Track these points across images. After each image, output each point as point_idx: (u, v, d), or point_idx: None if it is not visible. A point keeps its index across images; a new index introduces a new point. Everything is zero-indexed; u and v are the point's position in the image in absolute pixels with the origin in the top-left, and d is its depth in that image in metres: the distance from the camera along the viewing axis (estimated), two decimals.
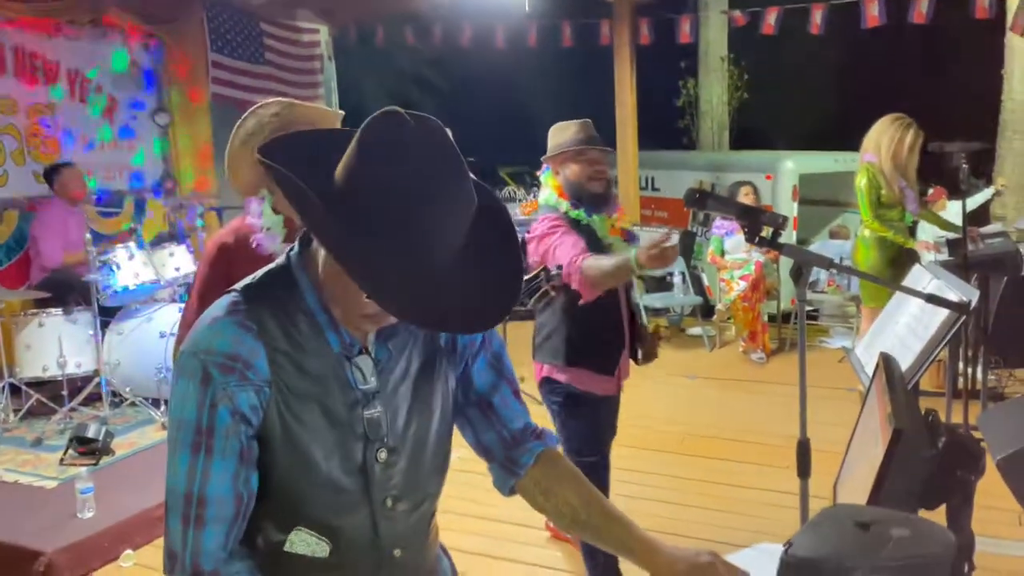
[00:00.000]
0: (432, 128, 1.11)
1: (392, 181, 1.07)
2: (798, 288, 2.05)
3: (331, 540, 1.25)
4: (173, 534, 1.18)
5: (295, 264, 1.24)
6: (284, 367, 1.19)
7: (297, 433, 1.19)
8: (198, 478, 1.16)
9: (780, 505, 3.85)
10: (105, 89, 6.42)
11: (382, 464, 1.26)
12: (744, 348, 6.33)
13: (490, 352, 1.41)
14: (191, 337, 1.19)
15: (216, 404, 1.15)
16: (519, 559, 3.50)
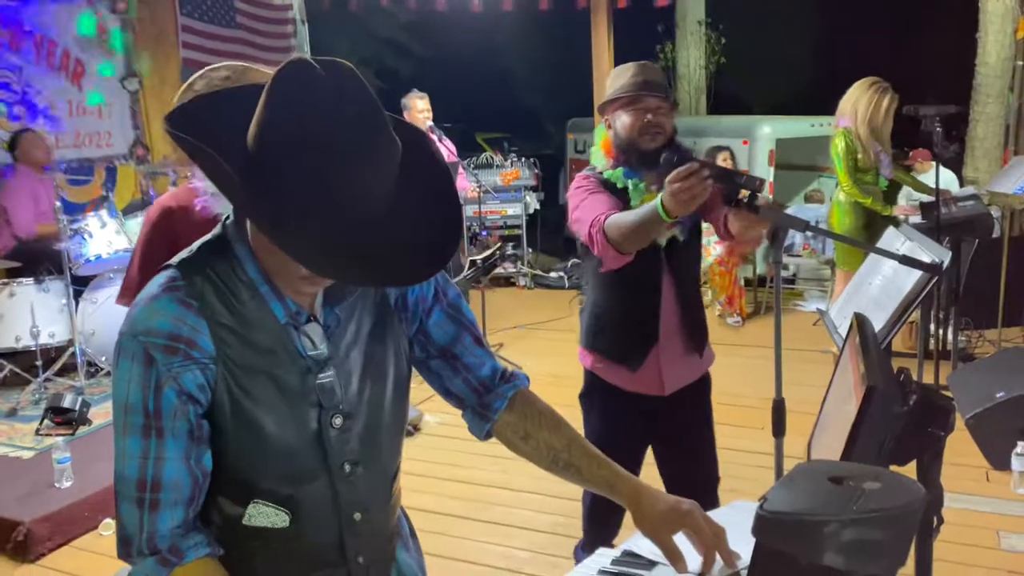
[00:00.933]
0: (344, 75, 1.06)
1: (303, 135, 1.03)
2: (774, 250, 2.06)
3: (290, 510, 1.24)
4: (127, 519, 1.16)
5: (231, 234, 1.20)
6: (229, 342, 1.16)
7: (248, 407, 1.17)
8: (151, 462, 1.14)
9: (755, 465, 3.92)
10: (73, 54, 6.27)
11: (338, 430, 1.24)
12: (720, 312, 6.39)
13: (446, 303, 1.38)
14: (130, 318, 1.15)
15: (161, 386, 1.12)
16: (495, 520, 3.54)
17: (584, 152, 9.66)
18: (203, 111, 1.14)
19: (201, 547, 1.18)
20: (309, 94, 1.03)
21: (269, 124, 1.05)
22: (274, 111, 1.05)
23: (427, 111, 5.93)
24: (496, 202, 7.63)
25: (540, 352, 5.87)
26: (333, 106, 1.03)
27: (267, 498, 1.22)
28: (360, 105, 1.06)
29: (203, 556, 1.18)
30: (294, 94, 1.04)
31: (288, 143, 1.04)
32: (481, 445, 4.71)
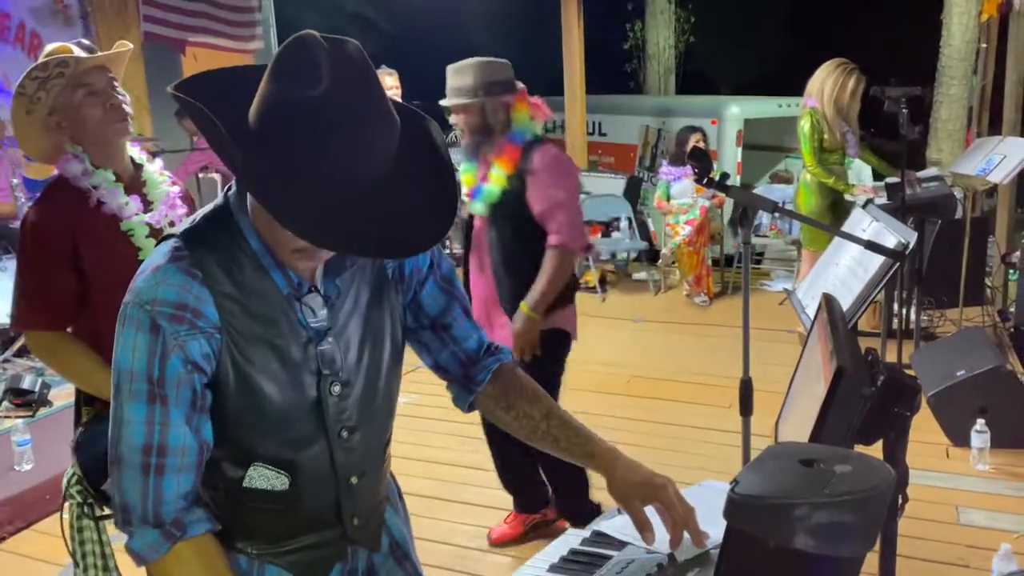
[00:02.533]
0: (348, 51, 1.07)
1: (304, 106, 1.04)
2: (743, 230, 2.07)
3: (289, 473, 1.26)
4: (129, 487, 1.16)
5: (234, 204, 1.21)
6: (233, 312, 1.17)
7: (251, 375, 1.19)
8: (156, 428, 1.14)
9: (723, 444, 3.96)
10: (28, 25, 6.08)
11: (336, 397, 1.27)
12: (688, 292, 6.43)
13: (439, 275, 1.41)
14: (135, 286, 1.16)
15: (167, 354, 1.13)
16: (466, 500, 3.55)
17: (553, 131, 9.64)
18: (211, 83, 1.16)
19: (203, 522, 1.19)
20: (312, 68, 1.05)
21: (271, 95, 1.07)
22: (277, 83, 1.06)
23: (396, 88, 5.85)
24: None
25: None
26: (336, 81, 1.05)
27: (268, 462, 1.25)
28: (360, 78, 1.08)
29: (204, 531, 1.19)
30: (298, 67, 1.05)
31: (289, 114, 1.05)
32: (452, 426, 4.70)
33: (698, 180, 2.06)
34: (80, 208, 2.01)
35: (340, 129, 1.04)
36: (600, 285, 6.70)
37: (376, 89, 1.09)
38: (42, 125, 2.01)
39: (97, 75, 2.00)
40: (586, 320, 6.13)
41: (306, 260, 1.19)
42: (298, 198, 1.04)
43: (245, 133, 1.08)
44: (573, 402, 4.47)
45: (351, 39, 1.09)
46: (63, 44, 2.02)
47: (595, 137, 8.85)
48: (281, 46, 1.08)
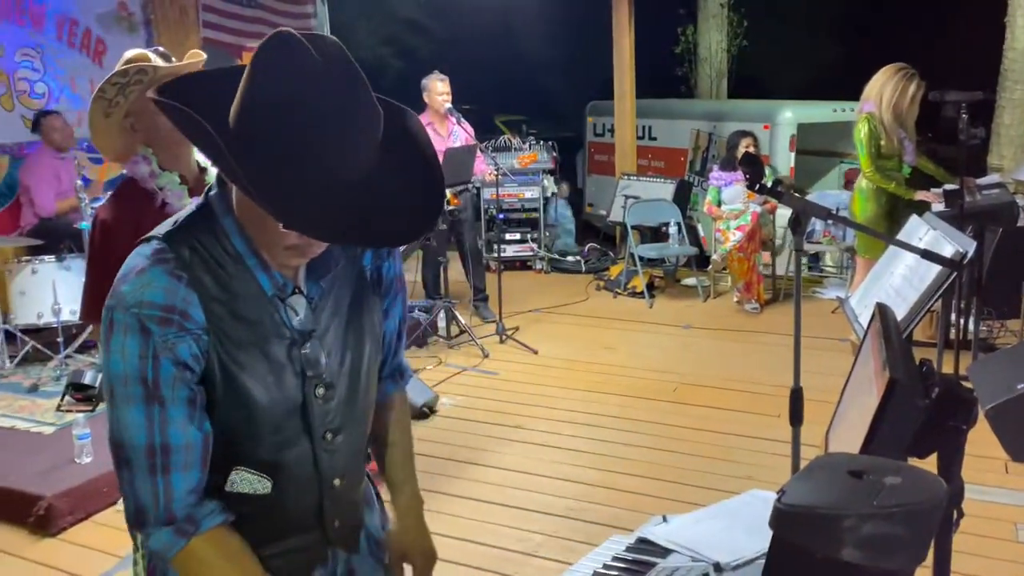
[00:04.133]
0: (327, 46, 1.08)
1: (287, 100, 1.05)
2: (796, 237, 2.04)
3: (272, 476, 1.26)
4: (140, 489, 1.16)
5: (216, 205, 1.21)
6: (218, 314, 1.17)
7: (237, 377, 1.19)
8: (156, 428, 1.14)
9: (770, 452, 3.90)
10: (94, 32, 6.29)
11: (320, 399, 1.27)
12: (738, 298, 6.35)
13: (403, 292, 1.46)
14: (119, 290, 1.15)
15: (158, 356, 1.13)
16: (510, 503, 3.55)
17: (603, 135, 9.60)
18: (193, 85, 1.17)
19: (216, 515, 1.20)
20: (293, 61, 1.06)
21: (254, 89, 1.07)
22: (259, 77, 1.07)
23: (447, 94, 5.90)
24: (514, 185, 7.59)
25: (555, 336, 5.86)
26: (317, 72, 1.06)
27: (250, 465, 1.25)
28: (343, 71, 1.08)
29: (218, 524, 1.20)
30: (279, 61, 1.06)
31: (272, 106, 1.06)
32: (497, 428, 4.71)
33: (750, 186, 2.04)
34: (147, 208, 2.10)
35: (326, 123, 1.05)
36: (647, 291, 6.66)
37: (359, 83, 1.09)
38: (117, 127, 2.10)
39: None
40: (633, 326, 6.14)
41: (298, 256, 1.20)
42: (287, 188, 1.05)
43: (230, 127, 1.09)
44: (618, 408, 4.52)
45: (331, 36, 1.10)
46: (142, 51, 2.12)
47: (645, 141, 8.79)
48: (260, 45, 1.09)
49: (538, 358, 5.42)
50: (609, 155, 8.99)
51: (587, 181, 10.04)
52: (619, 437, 4.17)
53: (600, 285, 7.19)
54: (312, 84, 1.05)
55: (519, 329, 5.89)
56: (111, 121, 2.10)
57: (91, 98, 2.09)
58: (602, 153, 9.55)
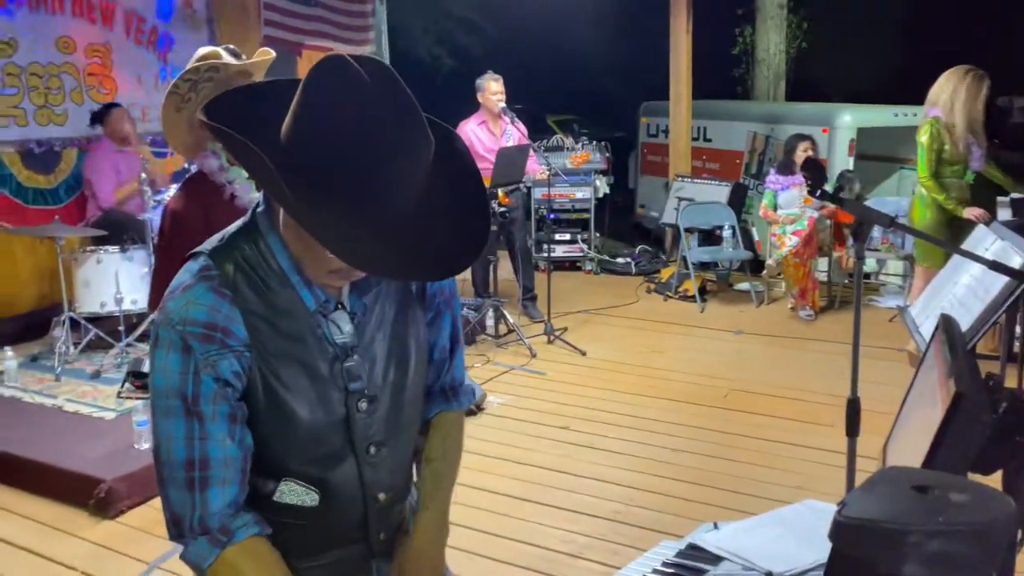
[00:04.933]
0: (381, 73, 1.07)
1: (338, 126, 1.04)
2: (857, 245, 2.00)
3: (319, 489, 1.27)
4: (176, 501, 1.18)
5: (262, 222, 1.22)
6: (261, 330, 1.19)
7: (280, 393, 1.20)
8: (196, 442, 1.16)
9: (823, 463, 3.84)
10: (160, 29, 6.46)
11: (363, 413, 1.28)
12: (793, 305, 6.25)
13: (452, 309, 1.44)
14: (166, 307, 1.18)
15: (199, 372, 1.15)
16: (556, 504, 3.55)
17: (657, 136, 9.52)
18: (241, 103, 1.17)
19: (251, 526, 1.21)
20: (346, 87, 1.05)
21: (305, 114, 1.07)
22: (311, 102, 1.07)
23: (500, 93, 5.92)
24: (565, 185, 7.57)
25: (604, 338, 5.84)
26: (369, 99, 1.05)
27: (298, 477, 1.26)
28: (396, 99, 1.07)
29: (252, 535, 1.21)
30: (331, 86, 1.06)
31: (324, 132, 1.05)
32: (544, 428, 4.70)
33: (811, 192, 2.01)
34: (215, 201, 2.17)
35: (378, 151, 1.04)
36: (699, 294, 6.59)
37: (411, 109, 1.08)
38: (188, 122, 2.17)
39: (241, 80, 2.16)
40: (684, 330, 6.08)
41: (341, 280, 1.21)
42: (336, 220, 1.04)
43: (279, 150, 1.07)
44: (669, 413, 4.49)
45: (381, 59, 1.10)
46: (214, 49, 2.18)
47: (699, 143, 8.70)
48: (313, 67, 1.08)
49: (586, 359, 5.40)
50: (662, 156, 8.91)
51: (639, 182, 9.98)
52: (667, 442, 4.14)
53: (650, 288, 7.14)
54: (365, 111, 1.05)
55: (567, 330, 5.88)
56: (182, 116, 2.16)
57: (165, 94, 2.16)
58: (655, 154, 9.48)
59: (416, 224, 1.10)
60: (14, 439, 3.93)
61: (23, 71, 5.58)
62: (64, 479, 3.64)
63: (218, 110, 1.14)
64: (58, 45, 5.80)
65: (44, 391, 4.57)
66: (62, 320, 5.07)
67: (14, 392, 4.57)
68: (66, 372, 4.82)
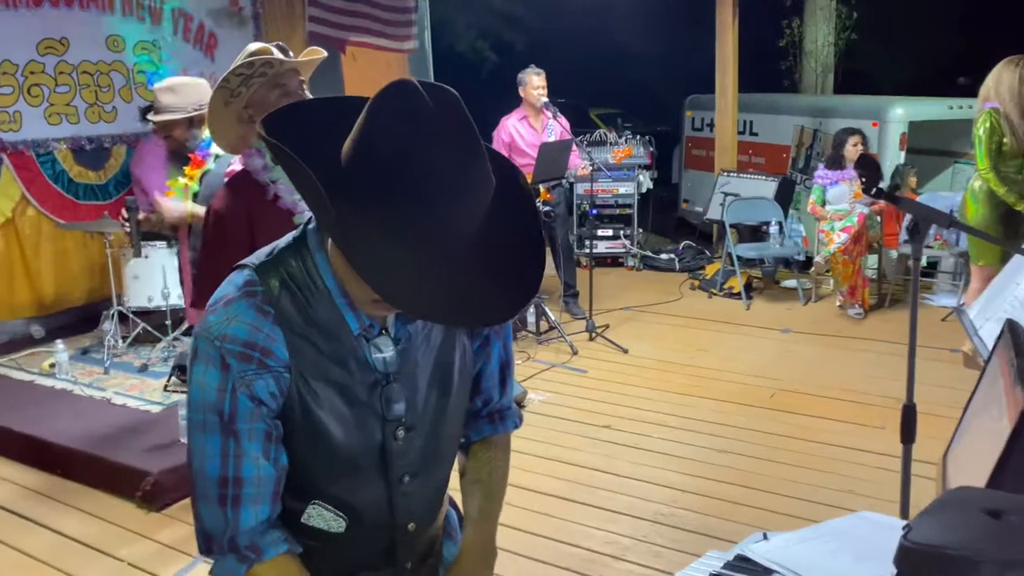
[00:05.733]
0: (448, 104, 1.02)
1: (398, 160, 0.99)
2: (914, 244, 1.93)
3: (347, 516, 1.25)
4: (208, 517, 1.17)
5: (312, 239, 1.18)
6: (303, 351, 1.16)
7: (317, 415, 1.18)
8: (231, 460, 1.15)
9: (873, 466, 3.74)
10: (207, 27, 6.53)
11: (400, 442, 1.25)
12: (842, 303, 6.10)
13: (503, 335, 1.40)
14: (207, 319, 1.16)
15: (236, 390, 1.13)
16: (598, 505, 3.51)
17: (702, 130, 9.39)
18: (302, 117, 1.13)
19: (280, 544, 1.20)
20: (410, 118, 1.00)
21: (365, 143, 1.02)
22: (372, 130, 1.02)
23: (543, 88, 5.88)
24: (608, 180, 7.49)
25: (647, 335, 5.77)
26: (434, 135, 1.00)
27: (327, 502, 1.24)
28: (461, 137, 1.02)
29: (282, 553, 1.20)
30: (395, 116, 1.01)
31: (382, 165, 1.00)
32: (585, 427, 4.65)
33: (866, 190, 1.94)
34: (259, 200, 2.15)
35: (436, 185, 1.00)
36: (745, 291, 6.47)
37: (475, 144, 1.03)
38: (236, 117, 2.15)
39: (291, 77, 2.14)
40: (729, 328, 5.98)
41: (382, 310, 1.17)
42: (385, 257, 1.00)
43: (335, 176, 1.03)
44: (712, 413, 4.41)
45: (449, 88, 1.04)
46: (265, 45, 2.17)
47: (745, 137, 8.54)
48: (379, 92, 1.03)
49: (628, 357, 5.34)
50: (707, 150, 8.78)
51: (683, 177, 9.85)
52: (712, 443, 4.07)
53: (695, 284, 7.04)
54: (427, 144, 1.00)
55: (609, 327, 5.82)
56: (230, 110, 2.14)
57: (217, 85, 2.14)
58: (700, 148, 9.34)
59: (466, 267, 1.05)
60: (66, 431, 4.02)
61: (75, 69, 5.68)
62: (112, 471, 3.70)
63: (278, 123, 1.10)
64: (108, 44, 5.90)
65: (94, 384, 4.66)
66: (111, 314, 5.17)
67: (66, 384, 4.67)
68: (114, 365, 4.91)
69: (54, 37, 5.56)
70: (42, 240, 5.64)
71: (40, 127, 5.53)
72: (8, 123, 5.36)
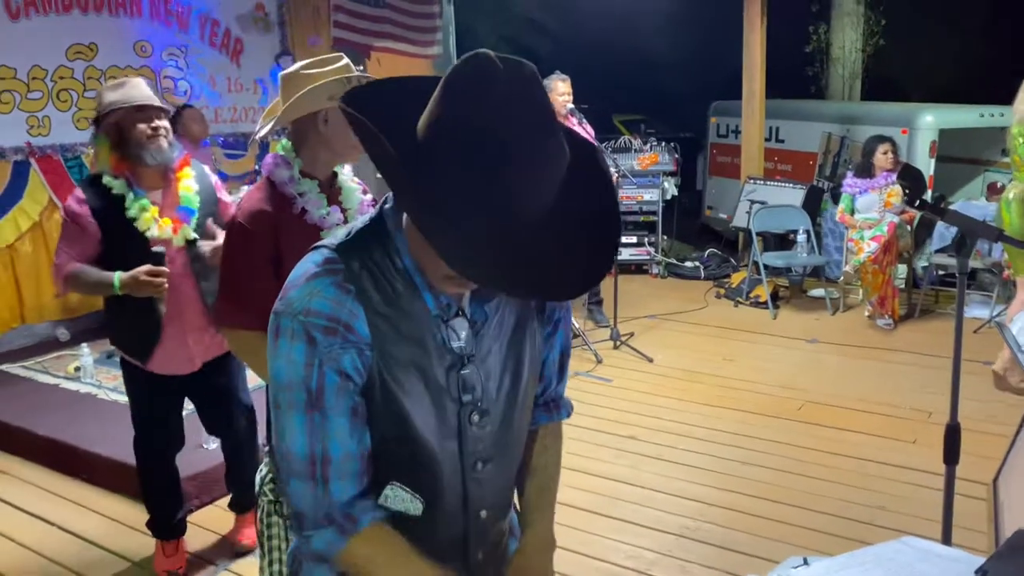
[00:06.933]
0: (523, 77, 1.01)
1: (474, 132, 0.99)
2: (960, 259, 1.87)
3: (424, 499, 1.24)
4: (299, 496, 1.17)
5: (389, 219, 1.18)
6: (383, 330, 1.14)
7: (396, 396, 1.17)
8: (318, 437, 1.14)
9: (905, 481, 3.66)
10: (233, 32, 6.56)
11: (474, 427, 1.24)
12: (871, 313, 6.00)
13: (566, 323, 1.41)
14: (288, 296, 1.14)
15: (323, 365, 1.12)
16: (622, 517, 3.46)
17: (727, 136, 9.31)
18: (379, 95, 1.14)
19: (373, 510, 1.20)
20: (487, 91, 0.99)
21: (442, 115, 1.02)
22: (449, 102, 1.02)
23: (568, 94, 5.83)
24: (633, 187, 7.44)
25: (672, 344, 5.70)
26: (510, 106, 0.99)
27: (404, 483, 1.23)
28: (537, 109, 1.02)
29: (377, 520, 1.19)
30: (471, 88, 1.00)
31: (458, 137, 1.00)
32: (610, 438, 4.58)
33: (909, 202, 1.88)
34: (286, 213, 2.07)
35: (512, 156, 0.99)
36: (771, 300, 6.39)
37: (550, 116, 1.03)
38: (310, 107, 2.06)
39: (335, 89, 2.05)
40: (755, 337, 5.89)
41: (456, 286, 1.16)
42: (457, 227, 0.99)
43: (411, 150, 1.03)
44: (737, 424, 4.34)
45: (526, 61, 1.03)
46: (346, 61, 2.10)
47: (771, 143, 8.46)
48: (455, 64, 1.03)
49: (653, 366, 5.28)
50: (732, 157, 8.70)
51: (707, 183, 9.77)
52: (739, 455, 4.01)
53: (720, 293, 6.96)
54: (502, 113, 0.99)
55: (634, 335, 5.77)
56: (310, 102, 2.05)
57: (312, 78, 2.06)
58: (725, 155, 9.26)
59: (534, 237, 1.04)
60: (89, 435, 4.02)
61: (103, 74, 5.72)
62: (136, 477, 3.69)
63: (359, 99, 1.10)
64: (136, 49, 5.94)
65: (118, 388, 4.66)
66: None
67: (90, 388, 4.68)
68: None
69: (83, 43, 5.60)
70: None
71: (68, 132, 5.57)
72: (37, 127, 5.41)
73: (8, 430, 4.22)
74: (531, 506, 1.43)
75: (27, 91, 5.33)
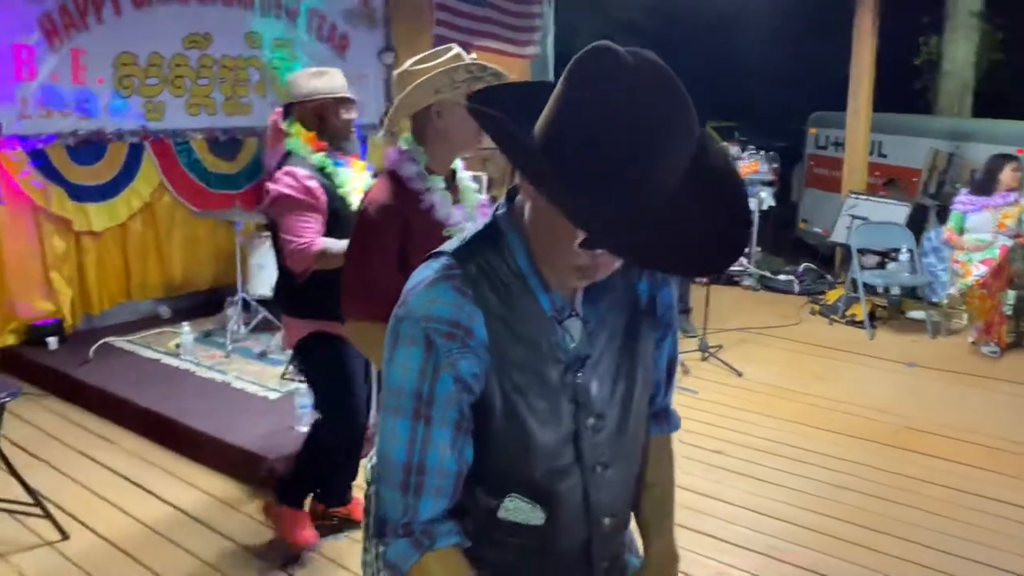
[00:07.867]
0: (647, 59, 1.02)
1: (607, 107, 1.00)
2: None
3: (546, 508, 1.22)
4: (388, 502, 1.18)
5: (504, 222, 1.20)
6: (500, 333, 1.15)
7: (515, 400, 1.17)
8: (418, 446, 1.14)
9: (1007, 518, 3.50)
10: (339, 28, 6.71)
11: (590, 430, 1.22)
12: (975, 339, 5.73)
13: (674, 328, 1.39)
14: (408, 302, 1.16)
15: (439, 371, 1.13)
16: (709, 533, 3.39)
17: (826, 148, 9.03)
18: (504, 92, 1.17)
19: (452, 535, 1.19)
20: (610, 74, 1.01)
21: (571, 96, 1.04)
22: (577, 84, 1.03)
23: None
24: None
25: (762, 359, 5.56)
26: (637, 79, 1.01)
27: (524, 493, 1.22)
28: (664, 82, 1.02)
29: (454, 544, 1.18)
30: (600, 70, 1.02)
31: (591, 115, 1.01)
32: (696, 450, 4.51)
33: None
34: (414, 209, 2.10)
35: (644, 131, 1.00)
36: (869, 320, 6.17)
37: (679, 93, 1.03)
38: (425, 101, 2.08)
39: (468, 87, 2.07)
40: (850, 357, 5.70)
41: (584, 278, 1.15)
42: (597, 204, 1.00)
43: (542, 139, 1.06)
44: (830, 446, 4.21)
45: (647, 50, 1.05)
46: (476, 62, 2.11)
47: (873, 158, 8.17)
48: (578, 55, 1.05)
49: (742, 381, 5.17)
50: (831, 169, 8.45)
51: (803, 195, 9.50)
52: (830, 478, 3.88)
53: (815, 309, 6.74)
54: (632, 90, 1.00)
55: (723, 347, 5.65)
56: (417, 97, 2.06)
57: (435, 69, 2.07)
58: (823, 167, 9.00)
59: (671, 212, 1.04)
60: (188, 410, 4.18)
61: (216, 63, 5.94)
62: (231, 453, 3.82)
63: (484, 97, 1.14)
64: (247, 40, 6.14)
65: (216, 366, 4.84)
66: (235, 300, 5.36)
67: (189, 365, 4.86)
68: (236, 350, 5.08)
69: (199, 32, 5.83)
70: (175, 225, 5.93)
71: (181, 117, 5.81)
72: (152, 112, 5.65)
73: (115, 399, 4.42)
74: (652, 520, 1.42)
75: (145, 77, 5.57)
